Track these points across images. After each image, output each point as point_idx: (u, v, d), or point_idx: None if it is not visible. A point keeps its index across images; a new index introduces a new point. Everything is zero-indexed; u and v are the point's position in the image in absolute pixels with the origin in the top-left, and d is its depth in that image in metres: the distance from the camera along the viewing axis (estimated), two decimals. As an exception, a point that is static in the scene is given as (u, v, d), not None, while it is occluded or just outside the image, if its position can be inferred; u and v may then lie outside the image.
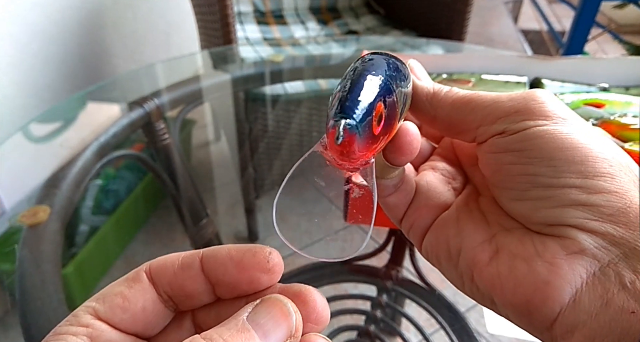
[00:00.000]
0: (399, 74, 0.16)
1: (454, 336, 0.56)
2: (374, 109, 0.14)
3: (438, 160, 0.22)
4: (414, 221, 0.21)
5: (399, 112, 0.16)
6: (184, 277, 0.16)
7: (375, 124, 0.14)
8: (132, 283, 0.16)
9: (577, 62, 0.54)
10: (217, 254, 0.16)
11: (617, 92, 0.52)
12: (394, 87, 0.15)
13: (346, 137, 0.13)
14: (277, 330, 0.14)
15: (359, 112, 0.13)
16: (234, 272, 0.16)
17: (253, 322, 0.14)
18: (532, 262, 0.16)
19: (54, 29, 1.01)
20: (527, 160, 0.17)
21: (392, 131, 0.16)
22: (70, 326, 0.15)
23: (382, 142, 0.16)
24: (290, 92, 0.89)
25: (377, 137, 0.14)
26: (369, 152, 0.15)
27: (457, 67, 0.54)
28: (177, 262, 0.16)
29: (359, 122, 0.13)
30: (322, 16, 1.29)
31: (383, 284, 0.62)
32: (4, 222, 0.48)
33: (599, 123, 0.47)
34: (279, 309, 0.14)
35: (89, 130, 0.60)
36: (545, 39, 2.31)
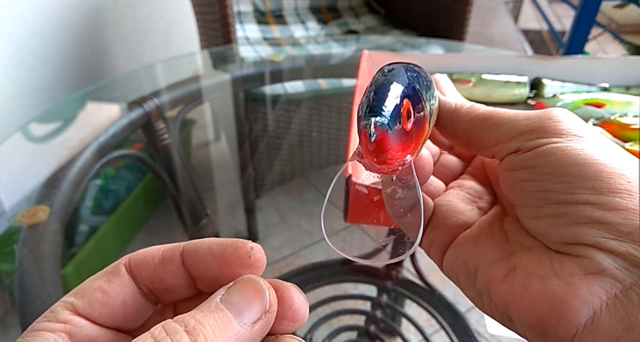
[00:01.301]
0: (421, 78, 0.17)
1: (454, 336, 0.56)
2: (402, 104, 0.14)
3: (468, 178, 0.23)
4: (433, 240, 0.21)
5: (428, 113, 0.16)
6: (165, 271, 0.16)
7: (405, 120, 0.14)
8: (111, 277, 0.16)
9: (578, 62, 0.54)
10: (198, 248, 0.16)
11: (618, 92, 0.51)
12: (418, 88, 0.16)
13: (378, 134, 0.13)
14: (250, 307, 0.14)
15: (387, 109, 0.14)
16: (215, 266, 0.16)
17: (226, 303, 0.14)
18: (548, 280, 0.16)
19: (53, 29, 1.01)
20: (540, 176, 0.17)
21: (423, 132, 0.16)
22: (47, 322, 0.15)
23: (415, 142, 0.16)
24: (290, 92, 0.89)
25: (409, 133, 0.15)
26: (404, 150, 0.15)
27: (457, 67, 0.54)
28: (157, 256, 0.16)
29: (389, 118, 0.14)
30: (322, 16, 1.29)
31: (383, 284, 0.62)
32: (3, 222, 0.48)
33: (599, 123, 0.47)
34: (252, 287, 0.15)
35: (89, 130, 0.59)
36: (546, 39, 2.31)
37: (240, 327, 0.14)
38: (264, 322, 0.14)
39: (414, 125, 0.15)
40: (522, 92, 0.52)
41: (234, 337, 0.14)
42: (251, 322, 0.14)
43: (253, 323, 0.14)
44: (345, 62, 0.90)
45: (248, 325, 0.14)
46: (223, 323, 0.14)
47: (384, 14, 1.33)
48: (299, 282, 0.68)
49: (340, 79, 0.90)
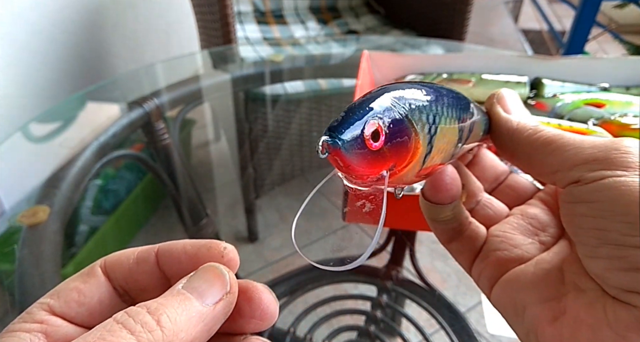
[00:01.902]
0: (422, 98, 0.16)
1: (454, 336, 0.56)
2: (364, 125, 0.14)
3: (535, 205, 0.21)
4: (482, 271, 0.19)
5: (422, 134, 0.15)
6: (139, 271, 0.16)
7: (369, 140, 0.14)
8: (87, 278, 0.16)
9: (578, 62, 0.54)
10: (172, 249, 0.16)
11: (618, 92, 0.52)
12: (407, 109, 0.15)
13: (331, 152, 0.14)
14: (211, 289, 0.15)
15: (341, 129, 0.14)
16: (189, 266, 0.16)
17: (188, 288, 0.15)
18: (599, 331, 0.15)
19: (53, 29, 1.01)
20: (599, 213, 0.15)
21: (407, 151, 0.15)
22: (23, 323, 0.15)
23: (393, 160, 0.15)
24: (290, 92, 0.89)
25: (378, 153, 0.14)
26: (375, 167, 0.15)
27: (457, 67, 0.54)
28: (132, 256, 0.17)
29: (340, 137, 0.14)
30: (322, 16, 1.29)
31: (383, 284, 0.62)
32: (3, 222, 0.48)
33: (599, 123, 0.47)
34: (212, 271, 0.15)
35: (89, 130, 0.59)
36: (546, 39, 2.31)
37: (203, 307, 0.14)
38: (225, 303, 0.15)
39: (388, 145, 0.15)
40: (522, 92, 0.52)
41: (196, 316, 0.14)
42: (213, 302, 0.15)
43: (215, 303, 0.15)
44: (345, 62, 0.90)
45: (210, 305, 0.14)
46: (185, 304, 0.14)
47: (384, 14, 1.33)
48: (299, 282, 0.68)
49: (340, 79, 0.90)
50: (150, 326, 0.13)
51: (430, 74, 0.53)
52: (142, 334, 0.13)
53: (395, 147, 0.15)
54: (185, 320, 0.14)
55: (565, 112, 0.49)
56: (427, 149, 0.16)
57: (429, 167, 0.17)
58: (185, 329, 0.14)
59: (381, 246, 0.70)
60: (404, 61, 0.55)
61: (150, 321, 0.13)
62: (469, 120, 0.18)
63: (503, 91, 0.21)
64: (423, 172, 0.17)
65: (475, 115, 0.19)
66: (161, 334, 0.13)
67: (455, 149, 0.18)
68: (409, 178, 0.16)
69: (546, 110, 0.50)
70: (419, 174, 0.16)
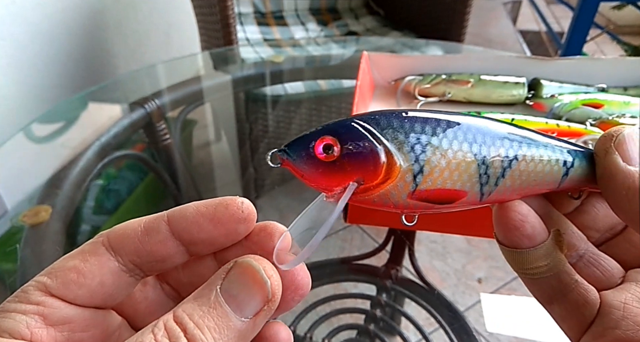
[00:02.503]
0: (404, 121, 0.17)
1: (453, 335, 0.56)
2: (314, 139, 0.16)
3: None
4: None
5: (390, 149, 0.16)
6: (152, 242, 0.15)
7: (319, 152, 0.16)
8: (88, 256, 0.15)
9: (576, 63, 0.54)
10: (185, 213, 0.15)
11: (616, 93, 0.52)
12: (374, 127, 0.16)
13: (282, 163, 0.16)
14: (251, 301, 0.14)
15: (293, 142, 0.16)
16: (210, 227, 0.15)
17: (226, 294, 0.13)
18: None
19: (55, 30, 1.01)
20: None
21: (372, 165, 0.16)
22: (19, 303, 0.14)
23: (359, 173, 0.16)
24: (291, 92, 0.89)
25: (333, 164, 0.16)
26: (334, 178, 0.16)
27: (456, 67, 0.54)
28: (139, 228, 0.15)
29: (288, 149, 0.16)
30: (322, 17, 1.30)
31: (382, 284, 0.62)
32: (5, 222, 0.48)
33: (597, 123, 0.47)
34: (252, 277, 0.14)
35: (91, 130, 0.60)
36: (544, 40, 2.31)
37: (242, 323, 0.13)
38: (267, 312, 0.14)
39: (346, 158, 0.16)
40: (520, 92, 0.52)
41: (236, 335, 0.13)
42: (252, 314, 0.14)
43: (255, 315, 0.14)
44: (345, 63, 0.91)
45: (249, 318, 0.13)
46: (223, 323, 0.13)
47: (384, 16, 1.33)
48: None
49: (340, 79, 0.91)
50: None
51: (430, 75, 0.54)
52: None
53: (355, 159, 0.16)
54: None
55: (563, 112, 0.49)
56: (415, 168, 0.16)
57: (434, 190, 0.16)
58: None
59: (380, 245, 0.70)
60: (403, 62, 0.55)
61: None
62: (507, 151, 0.17)
63: (626, 133, 0.16)
64: (424, 194, 0.16)
65: (530, 150, 0.17)
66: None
67: (485, 176, 0.17)
68: (401, 198, 0.17)
69: (544, 111, 0.51)
70: (416, 195, 0.16)
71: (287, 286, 0.15)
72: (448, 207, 0.17)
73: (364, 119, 0.16)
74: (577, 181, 0.18)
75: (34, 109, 0.96)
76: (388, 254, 0.68)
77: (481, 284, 0.89)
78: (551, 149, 0.17)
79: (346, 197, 0.16)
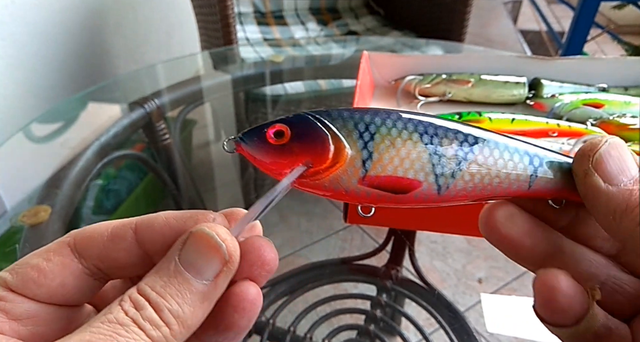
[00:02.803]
0: (354, 112, 0.18)
1: (453, 335, 0.56)
2: (267, 127, 0.17)
3: None
4: None
5: (338, 135, 0.17)
6: (116, 249, 0.15)
7: (270, 136, 0.17)
8: (51, 256, 0.15)
9: (576, 63, 0.54)
10: (153, 223, 0.15)
11: (616, 93, 0.52)
12: (324, 117, 0.17)
13: (237, 149, 0.17)
14: (209, 264, 0.14)
15: (247, 131, 0.17)
16: (174, 240, 0.15)
17: (185, 263, 0.14)
18: None
19: (54, 30, 1.01)
20: None
21: (321, 148, 0.17)
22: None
23: (307, 156, 0.17)
24: (290, 92, 0.89)
25: (283, 148, 0.17)
26: (283, 161, 0.17)
27: (456, 67, 0.54)
28: (106, 233, 0.15)
29: (243, 137, 0.17)
30: (322, 17, 1.30)
31: (383, 284, 0.62)
32: (5, 222, 0.48)
33: (598, 123, 0.47)
34: (207, 243, 0.14)
35: (90, 130, 0.60)
36: (545, 40, 2.31)
37: (203, 286, 0.14)
38: (226, 273, 0.14)
39: (295, 141, 0.17)
40: (521, 92, 0.52)
41: (199, 298, 0.14)
42: (213, 276, 0.14)
43: (216, 277, 0.14)
44: (345, 63, 0.91)
45: (210, 281, 0.14)
46: (185, 288, 0.14)
47: (384, 15, 1.33)
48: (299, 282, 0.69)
49: (340, 79, 0.90)
50: (157, 323, 0.13)
51: (430, 74, 0.53)
52: (152, 331, 0.13)
53: (304, 143, 0.17)
54: (188, 308, 0.14)
55: (563, 112, 0.49)
56: (363, 154, 0.17)
57: (385, 177, 0.17)
58: (190, 314, 0.14)
59: (381, 245, 0.70)
60: (403, 62, 0.55)
61: (156, 318, 0.13)
62: (462, 144, 0.17)
63: (602, 151, 0.15)
64: (375, 180, 0.17)
65: (487, 147, 0.17)
66: (168, 330, 0.13)
67: (439, 166, 0.17)
68: (352, 183, 0.17)
69: (545, 111, 0.51)
70: (367, 181, 0.17)
71: (254, 261, 0.15)
72: (404, 198, 0.17)
73: (317, 112, 0.18)
74: (552, 188, 0.17)
75: (34, 109, 0.96)
76: (388, 254, 0.68)
77: (481, 284, 0.89)
78: (514, 149, 0.17)
79: (292, 176, 0.17)
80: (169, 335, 0.13)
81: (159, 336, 0.13)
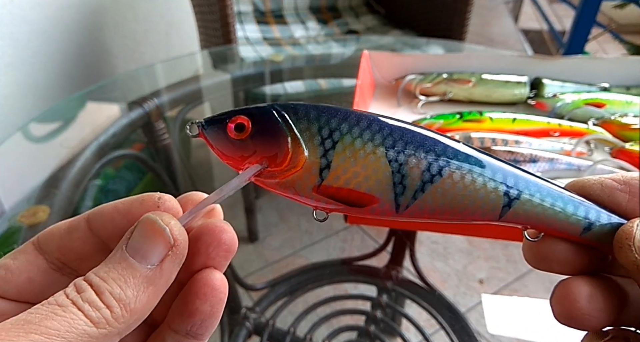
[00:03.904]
0: (322, 114, 0.17)
1: (454, 336, 0.56)
2: (229, 118, 0.17)
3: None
4: None
5: (298, 139, 0.16)
6: (72, 239, 0.16)
7: (230, 130, 0.16)
8: (17, 254, 0.16)
9: (578, 62, 0.54)
10: (103, 211, 0.16)
11: (618, 92, 0.52)
12: (290, 116, 0.17)
13: (199, 134, 0.17)
14: (154, 249, 0.14)
15: (212, 117, 0.17)
16: (124, 224, 0.16)
17: (132, 250, 0.14)
18: None
19: (54, 29, 1.01)
20: None
21: (277, 149, 0.16)
22: None
23: (262, 154, 0.16)
24: (290, 91, 0.89)
25: (241, 142, 0.17)
26: (238, 155, 0.17)
27: (457, 66, 0.54)
28: (63, 227, 0.16)
29: (204, 122, 0.17)
30: (322, 16, 1.29)
31: (383, 285, 0.62)
32: (3, 222, 0.48)
33: (599, 123, 0.47)
34: (151, 228, 0.15)
35: (89, 130, 0.60)
36: (546, 39, 2.31)
37: (148, 270, 0.14)
38: (173, 257, 0.15)
39: (253, 138, 0.16)
40: (522, 92, 0.52)
41: (143, 282, 0.14)
42: (158, 261, 0.14)
43: (161, 262, 0.14)
44: (345, 62, 0.90)
45: (155, 265, 0.14)
46: (128, 273, 0.14)
47: (384, 14, 1.33)
48: (299, 282, 0.68)
49: (340, 79, 0.90)
50: (97, 305, 0.13)
51: (431, 74, 0.53)
52: (91, 312, 0.13)
53: (262, 141, 0.16)
54: (132, 292, 0.14)
55: (565, 112, 0.49)
56: (322, 162, 0.16)
57: (340, 189, 0.16)
58: (134, 298, 0.14)
59: (381, 246, 0.70)
60: (403, 61, 0.55)
61: (96, 300, 0.13)
62: (431, 165, 0.16)
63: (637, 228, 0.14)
64: (330, 191, 0.16)
65: (462, 169, 0.16)
66: (109, 312, 0.13)
67: (400, 186, 0.16)
68: (306, 191, 0.16)
69: (546, 110, 0.50)
70: (322, 190, 0.16)
71: (210, 242, 0.16)
72: (359, 211, 0.16)
73: (283, 106, 0.17)
74: (528, 217, 0.16)
75: (33, 109, 0.96)
76: (389, 254, 0.68)
77: (482, 285, 0.89)
78: (490, 173, 0.16)
79: (245, 175, 0.16)
80: (110, 317, 0.13)
81: (98, 316, 0.13)
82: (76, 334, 0.13)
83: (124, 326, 0.14)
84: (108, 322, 0.13)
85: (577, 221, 0.16)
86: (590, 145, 0.44)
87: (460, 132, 0.44)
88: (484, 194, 0.16)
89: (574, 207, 0.16)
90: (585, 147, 0.44)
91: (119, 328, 0.13)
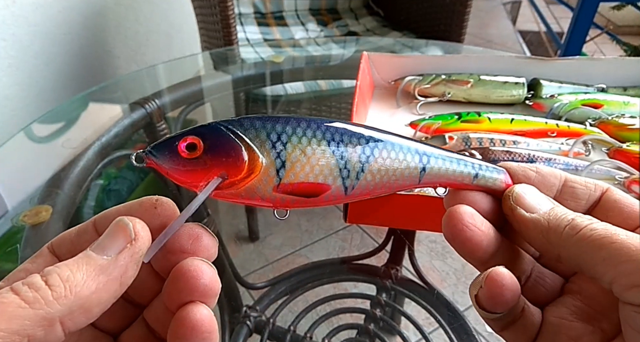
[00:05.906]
0: (265, 122, 0.18)
1: (452, 335, 0.56)
2: (178, 139, 0.17)
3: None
4: None
5: (251, 147, 0.18)
6: (81, 242, 0.17)
7: (182, 150, 0.17)
8: (35, 259, 0.17)
9: (575, 63, 0.55)
10: (107, 214, 0.17)
11: (615, 93, 0.52)
12: (237, 128, 0.18)
13: (147, 163, 0.17)
14: (113, 242, 0.15)
15: (157, 144, 0.18)
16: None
17: (95, 246, 0.15)
18: None
19: (56, 30, 1.01)
20: None
21: (234, 160, 0.17)
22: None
23: (222, 168, 0.17)
24: (291, 92, 0.89)
25: (197, 161, 0.17)
26: (197, 174, 0.17)
27: (456, 68, 0.54)
28: (73, 231, 0.17)
29: (153, 151, 0.17)
30: (322, 17, 1.30)
31: (382, 283, 0.63)
32: (6, 222, 0.48)
33: (596, 123, 0.47)
34: (115, 225, 0.16)
35: (91, 130, 0.60)
36: (544, 40, 2.31)
37: (103, 260, 0.15)
38: (130, 251, 0.15)
39: (208, 154, 0.17)
40: (520, 92, 0.52)
41: (95, 270, 0.15)
42: (115, 253, 0.15)
43: (117, 254, 0.15)
44: (344, 63, 0.91)
45: (111, 256, 0.15)
46: (81, 261, 0.15)
47: (383, 16, 1.33)
48: (299, 281, 0.69)
49: (340, 80, 0.91)
50: (37, 286, 0.14)
51: (429, 75, 0.54)
52: (28, 293, 0.13)
53: (217, 155, 0.17)
54: (81, 275, 0.14)
55: (562, 112, 0.49)
56: (277, 163, 0.18)
57: (297, 184, 0.18)
58: (82, 281, 0.14)
59: (380, 245, 0.70)
60: (403, 62, 0.55)
61: (38, 281, 0.14)
62: (364, 149, 0.19)
63: (517, 189, 0.18)
64: (289, 187, 0.18)
65: (385, 149, 0.19)
66: (49, 292, 0.14)
67: (345, 170, 0.18)
68: (267, 192, 0.18)
69: (544, 111, 0.51)
70: (281, 188, 0.18)
71: (181, 235, 0.17)
72: (315, 201, 0.19)
73: (228, 122, 0.18)
74: (438, 176, 0.20)
75: (35, 110, 0.96)
76: (388, 254, 0.68)
77: (481, 284, 0.89)
78: (407, 149, 0.19)
79: (208, 189, 0.17)
80: (49, 296, 0.13)
81: (35, 296, 0.13)
82: (5, 318, 0.13)
83: (65, 309, 0.14)
84: (46, 302, 0.13)
85: (468, 173, 0.20)
86: (588, 146, 0.44)
87: (459, 133, 0.44)
88: (405, 165, 0.19)
89: (464, 163, 0.20)
90: (583, 148, 0.44)
91: (58, 310, 0.13)
